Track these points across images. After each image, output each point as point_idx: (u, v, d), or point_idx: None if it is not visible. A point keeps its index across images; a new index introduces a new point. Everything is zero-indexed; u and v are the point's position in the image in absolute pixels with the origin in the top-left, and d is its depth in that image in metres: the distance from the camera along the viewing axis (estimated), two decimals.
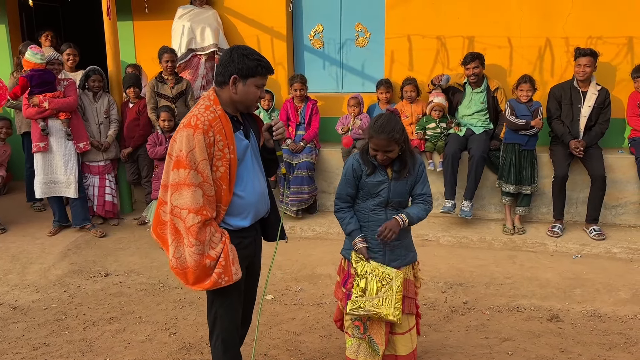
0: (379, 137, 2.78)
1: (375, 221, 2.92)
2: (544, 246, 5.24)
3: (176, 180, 2.53)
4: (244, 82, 2.60)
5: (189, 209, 2.51)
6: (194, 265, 2.55)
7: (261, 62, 2.62)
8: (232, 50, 2.64)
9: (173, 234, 2.58)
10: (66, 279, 4.93)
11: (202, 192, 2.52)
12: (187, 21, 6.37)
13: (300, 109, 6.05)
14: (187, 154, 2.49)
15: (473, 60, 5.60)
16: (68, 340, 3.88)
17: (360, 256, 2.92)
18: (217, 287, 2.62)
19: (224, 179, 2.59)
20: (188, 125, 2.53)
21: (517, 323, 4.01)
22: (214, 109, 2.59)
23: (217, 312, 2.78)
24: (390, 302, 2.84)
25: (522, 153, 5.40)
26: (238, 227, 2.73)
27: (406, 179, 2.91)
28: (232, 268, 2.62)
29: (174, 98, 6.03)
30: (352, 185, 2.95)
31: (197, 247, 2.53)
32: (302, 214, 6.02)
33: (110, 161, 6.15)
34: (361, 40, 6.70)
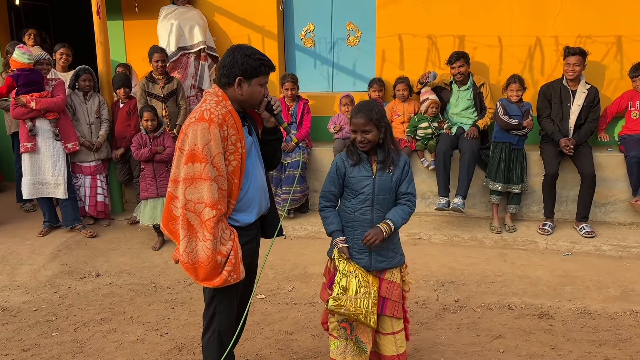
0: (357, 116, 2.82)
1: (361, 222, 2.90)
2: (535, 244, 5.27)
3: (191, 175, 2.53)
4: (249, 83, 2.64)
5: (206, 203, 2.52)
6: (206, 260, 2.56)
7: (264, 61, 2.66)
8: (234, 51, 2.65)
9: (186, 228, 2.58)
10: (56, 279, 4.90)
11: (217, 186, 2.54)
12: (174, 19, 6.34)
13: (292, 109, 6.05)
14: (202, 148, 2.50)
15: (458, 59, 5.62)
16: (58, 342, 3.86)
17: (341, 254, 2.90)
18: (226, 284, 2.63)
19: (236, 173, 2.63)
20: (201, 119, 2.54)
21: (508, 321, 4.03)
22: (224, 104, 2.63)
23: (217, 308, 2.78)
24: (367, 305, 2.83)
25: (511, 152, 5.42)
26: (244, 223, 2.75)
27: (391, 174, 2.89)
28: (241, 266, 2.65)
29: (164, 98, 6.01)
30: (335, 184, 2.94)
31: (211, 242, 2.54)
32: (294, 214, 6.02)
33: (101, 161, 6.11)
34: (352, 39, 6.71)
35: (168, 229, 2.71)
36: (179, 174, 2.58)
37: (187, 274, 2.66)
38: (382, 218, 2.90)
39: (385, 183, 2.89)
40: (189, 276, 2.67)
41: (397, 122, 5.99)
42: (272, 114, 2.80)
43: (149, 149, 5.50)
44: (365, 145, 2.85)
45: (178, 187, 2.59)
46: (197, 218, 2.55)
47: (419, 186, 5.87)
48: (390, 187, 2.90)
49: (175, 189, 2.62)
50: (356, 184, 2.89)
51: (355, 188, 2.90)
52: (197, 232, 2.57)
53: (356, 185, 2.89)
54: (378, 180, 2.88)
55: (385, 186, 2.89)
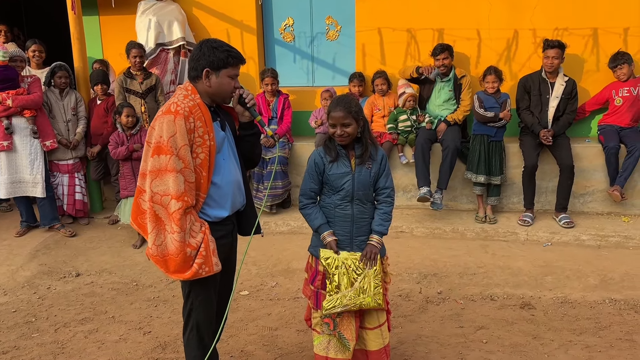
0: (335, 110, 2.81)
1: (342, 217, 2.90)
2: (515, 235, 5.33)
3: (156, 167, 2.52)
4: (217, 74, 2.64)
5: (172, 195, 2.51)
6: (176, 252, 2.54)
7: (231, 52, 2.65)
8: (201, 44, 2.66)
9: (153, 221, 2.56)
10: (35, 280, 4.81)
11: (184, 178, 2.52)
12: (152, 15, 6.26)
13: (272, 104, 6.02)
14: (168, 140, 2.50)
15: (442, 52, 5.63)
16: (39, 343, 3.79)
17: (329, 252, 2.88)
18: (197, 277, 2.61)
19: (204, 166, 2.60)
20: (168, 111, 2.54)
21: (491, 311, 4.07)
22: (192, 97, 2.62)
23: (193, 303, 2.76)
24: (369, 289, 2.84)
25: (490, 144, 5.47)
26: (217, 218, 2.73)
27: (370, 169, 2.89)
28: (213, 259, 2.62)
29: (143, 94, 5.93)
30: (315, 180, 2.93)
31: (178, 234, 2.52)
32: (276, 209, 6.00)
33: (79, 159, 6.02)
34: (332, 33, 6.69)
35: (137, 223, 2.69)
36: (146, 167, 2.58)
37: (158, 267, 2.65)
38: (361, 212, 2.91)
39: (365, 178, 2.89)
40: (160, 269, 2.65)
41: (378, 117, 6.00)
42: (245, 107, 2.78)
43: (126, 147, 5.44)
44: (345, 139, 2.83)
45: (145, 180, 2.58)
46: (164, 210, 2.54)
47: (401, 179, 5.90)
48: (369, 182, 2.91)
49: (143, 183, 2.62)
50: (335, 181, 2.88)
51: (334, 185, 2.89)
52: (165, 225, 2.55)
53: (335, 182, 2.88)
54: (357, 176, 2.87)
55: (365, 181, 2.89)
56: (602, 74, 5.85)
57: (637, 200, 5.59)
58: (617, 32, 5.80)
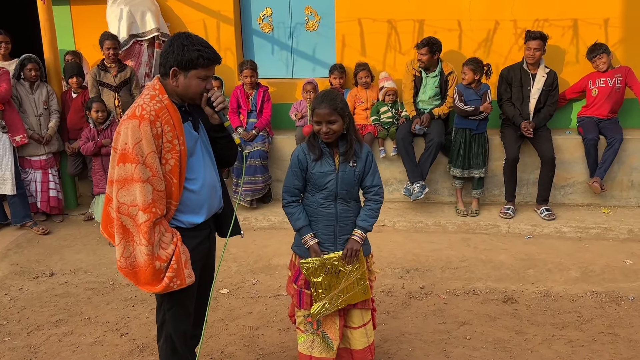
0: (321, 107, 2.70)
1: (325, 215, 2.83)
2: (497, 228, 5.32)
3: (122, 176, 2.37)
4: (185, 75, 2.44)
5: (139, 206, 2.36)
6: (145, 265, 2.41)
7: (203, 52, 2.42)
8: (173, 39, 2.45)
9: (121, 232, 2.43)
10: (7, 281, 4.66)
11: (152, 187, 2.37)
12: (124, 5, 6.06)
13: (252, 96, 5.90)
14: (133, 147, 2.33)
15: (422, 47, 5.50)
16: (10, 347, 3.66)
17: (309, 260, 2.80)
18: (168, 290, 2.49)
19: (174, 173, 2.45)
20: (133, 116, 2.37)
21: (474, 306, 4.04)
22: (159, 98, 2.43)
23: (166, 314, 2.66)
24: (354, 285, 2.79)
25: (473, 137, 5.43)
26: (191, 225, 2.59)
27: (354, 168, 2.82)
28: (185, 271, 2.49)
29: (117, 87, 5.76)
30: (299, 177, 2.84)
31: (146, 247, 2.39)
32: (256, 204, 5.90)
33: (52, 155, 5.84)
34: (311, 24, 6.57)
35: (107, 232, 2.55)
36: (113, 175, 2.42)
37: (127, 279, 2.53)
38: (345, 211, 2.84)
39: (349, 177, 2.81)
40: (130, 281, 2.53)
41: (361, 109, 5.92)
42: (213, 111, 2.59)
43: (94, 142, 5.29)
44: (330, 137, 2.74)
45: (112, 189, 2.43)
46: (132, 221, 2.39)
47: (382, 173, 5.74)
48: (353, 181, 2.83)
49: (110, 191, 2.47)
50: (319, 180, 2.79)
51: (317, 184, 2.80)
52: (134, 236, 2.41)
53: (319, 180, 2.80)
54: (341, 175, 2.79)
55: (349, 180, 2.81)
56: (582, 65, 5.85)
57: (617, 191, 5.62)
58: (597, 23, 5.79)
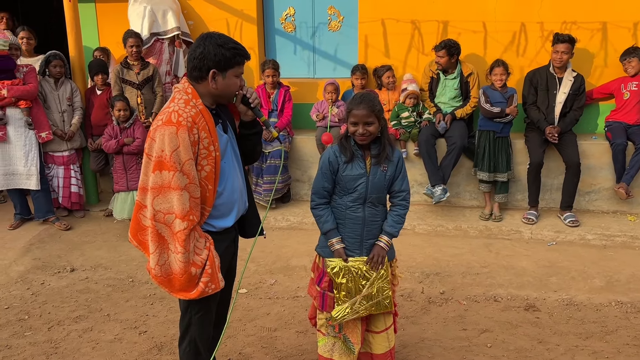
0: (358, 108, 2.68)
1: (353, 219, 2.81)
2: (520, 234, 5.23)
3: (159, 184, 2.33)
4: (223, 75, 2.42)
5: (176, 214, 2.33)
6: (180, 272, 2.39)
7: (238, 50, 2.43)
8: (204, 41, 2.41)
9: (156, 240, 2.39)
10: (29, 275, 4.71)
11: (189, 194, 2.34)
12: (146, 3, 6.08)
13: (273, 96, 5.88)
14: (170, 155, 2.29)
15: (440, 50, 5.46)
16: (31, 342, 3.70)
17: (334, 261, 2.79)
18: (204, 295, 2.47)
19: (210, 179, 2.42)
20: (169, 122, 2.31)
21: (495, 313, 3.98)
22: (194, 103, 2.39)
23: (192, 319, 2.63)
24: (377, 295, 2.77)
25: (496, 140, 5.35)
26: (222, 228, 2.58)
27: (385, 172, 2.79)
28: (219, 275, 2.48)
29: (140, 85, 5.80)
30: (328, 180, 2.82)
31: (182, 255, 2.36)
32: (275, 204, 5.89)
33: (74, 151, 5.90)
34: (334, 24, 6.54)
35: (137, 240, 2.52)
36: (148, 182, 2.38)
37: (162, 287, 2.51)
38: (373, 215, 2.82)
39: (379, 181, 2.79)
40: (164, 289, 2.51)
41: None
42: (249, 107, 2.60)
43: (117, 141, 5.33)
44: (366, 138, 2.72)
45: (146, 197, 2.39)
46: (168, 229, 2.36)
47: None
48: (383, 185, 2.81)
49: (143, 198, 2.42)
50: (349, 183, 2.77)
51: (347, 187, 2.78)
52: (169, 244, 2.39)
53: (349, 183, 2.77)
54: (372, 178, 2.77)
55: (379, 184, 2.79)
56: (611, 69, 5.72)
57: None
58: (626, 27, 5.66)
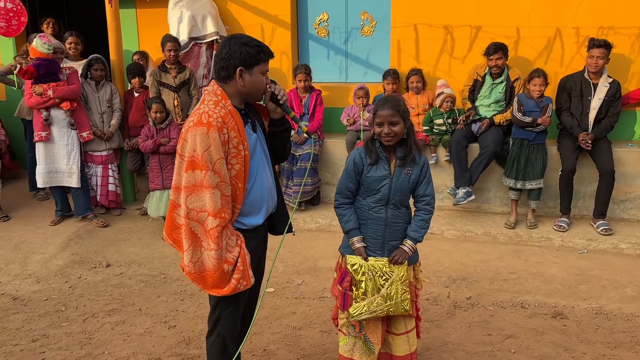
0: (383, 108, 2.74)
1: (375, 220, 2.85)
2: (550, 241, 5.17)
3: (192, 182, 2.41)
4: (250, 72, 2.51)
5: (208, 212, 2.41)
6: (213, 269, 2.47)
7: (262, 47, 2.52)
8: (229, 42, 2.51)
9: (190, 238, 2.48)
10: (67, 269, 4.91)
11: (220, 193, 2.43)
12: (185, 9, 6.27)
13: (304, 100, 5.97)
14: (202, 154, 2.38)
15: (497, 52, 5.43)
16: (67, 332, 3.86)
17: (356, 258, 2.85)
18: (235, 292, 2.54)
19: (240, 177, 2.50)
20: (199, 123, 2.40)
21: (521, 320, 3.95)
22: (223, 104, 2.48)
23: (222, 313, 2.71)
24: (395, 296, 2.79)
25: (530, 147, 5.29)
26: (252, 226, 2.65)
27: (409, 175, 2.83)
28: (250, 272, 2.56)
29: (176, 87, 5.97)
30: (353, 180, 2.87)
31: (215, 252, 2.44)
32: (304, 206, 5.97)
33: (113, 151, 6.11)
34: (367, 29, 6.60)
35: (172, 238, 2.62)
36: (181, 182, 2.47)
37: (195, 284, 2.59)
38: (395, 217, 2.85)
39: (403, 184, 2.82)
40: (198, 286, 2.59)
41: (412, 115, 5.89)
42: (277, 105, 2.67)
43: (153, 141, 5.51)
44: (392, 139, 2.75)
45: (180, 196, 2.48)
46: (201, 227, 2.45)
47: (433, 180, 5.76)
48: (407, 188, 2.84)
49: (177, 197, 2.52)
50: (372, 184, 2.82)
51: (371, 188, 2.83)
52: (202, 241, 2.47)
53: (372, 185, 2.82)
54: (395, 180, 2.81)
55: (402, 187, 2.83)
56: None
57: None
58: None
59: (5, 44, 7.32)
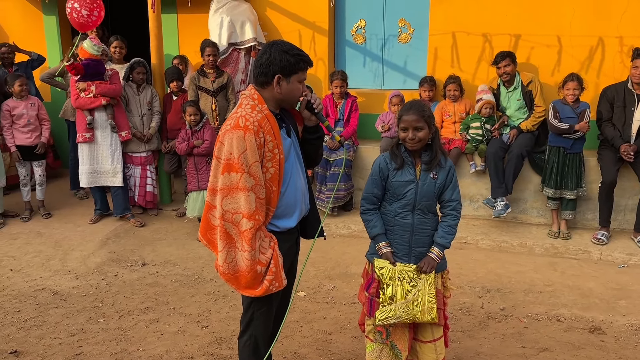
0: (408, 113, 2.74)
1: (401, 225, 2.84)
2: (588, 254, 5.05)
3: (227, 185, 2.46)
4: (288, 80, 2.55)
5: (243, 214, 2.46)
6: (246, 270, 2.51)
7: (302, 56, 2.55)
8: (270, 48, 2.55)
9: (224, 239, 2.53)
10: (105, 267, 5.03)
11: (255, 195, 2.47)
12: (225, 15, 6.38)
13: (340, 106, 6.00)
14: (238, 157, 2.42)
15: (503, 59, 5.40)
16: (104, 328, 3.96)
17: (384, 262, 2.84)
18: (268, 293, 2.58)
19: (274, 180, 2.54)
20: (237, 126, 2.45)
21: (556, 333, 3.87)
22: (260, 108, 2.52)
23: (254, 314, 2.74)
24: (422, 302, 2.77)
25: (566, 157, 5.20)
26: (285, 228, 2.69)
27: (435, 180, 2.81)
28: (282, 274, 2.59)
29: (214, 92, 6.07)
30: (378, 186, 2.88)
31: (249, 253, 2.48)
32: (337, 211, 5.98)
33: (151, 152, 6.25)
34: (404, 36, 6.59)
35: (206, 239, 2.66)
36: (217, 184, 2.52)
37: (228, 284, 2.64)
38: (422, 223, 2.84)
39: (429, 188, 2.81)
40: (231, 286, 2.63)
41: (448, 123, 5.85)
42: (312, 113, 2.70)
43: (187, 143, 5.61)
44: (416, 144, 2.76)
45: (216, 197, 2.53)
46: (235, 228, 2.49)
47: (468, 188, 5.73)
48: (433, 193, 2.82)
49: (213, 199, 2.56)
50: (398, 189, 2.82)
51: (396, 193, 2.83)
52: (236, 242, 2.51)
53: (398, 189, 2.82)
54: (421, 185, 2.80)
55: (429, 192, 2.81)
56: None
57: None
58: None
59: (53, 48, 7.58)
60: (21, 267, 5.00)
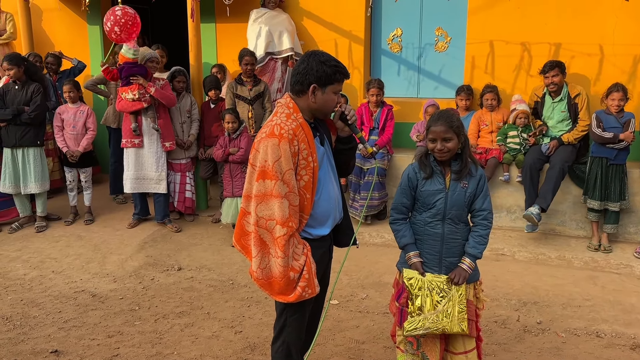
0: (436, 124, 2.73)
1: (431, 235, 2.82)
2: (630, 268, 4.90)
3: (262, 192, 2.51)
4: (323, 91, 2.57)
5: (277, 220, 2.49)
6: (280, 276, 2.54)
7: (339, 68, 2.58)
8: (309, 57, 2.58)
9: (258, 245, 2.57)
10: (142, 270, 5.13)
11: (289, 202, 2.50)
12: (263, 24, 6.47)
13: (375, 114, 5.99)
14: (273, 164, 2.47)
15: (552, 69, 5.29)
16: (140, 331, 4.04)
17: (413, 272, 2.82)
18: (300, 299, 2.60)
19: (308, 188, 2.57)
20: (272, 134, 2.49)
21: (596, 349, 3.76)
22: (295, 117, 2.56)
23: (287, 320, 2.76)
24: (452, 313, 2.74)
25: (609, 168, 5.07)
26: (318, 236, 2.71)
27: (465, 188, 2.78)
28: (315, 281, 2.61)
29: (251, 100, 6.15)
30: (407, 196, 2.86)
31: (282, 259, 2.52)
32: (371, 220, 5.96)
33: (190, 159, 6.35)
34: (441, 44, 6.55)
35: (240, 245, 2.71)
36: (251, 191, 2.56)
37: (262, 290, 2.66)
38: (452, 232, 2.81)
39: (459, 198, 2.78)
40: (265, 292, 2.66)
41: (485, 132, 5.78)
42: (346, 124, 2.72)
43: (223, 150, 5.69)
44: (445, 155, 2.74)
45: (250, 204, 2.57)
46: (269, 235, 2.53)
47: (505, 199, 5.64)
48: (463, 202, 2.79)
49: (247, 205, 2.61)
50: (427, 198, 2.80)
51: (426, 202, 2.81)
52: (270, 249, 2.55)
53: (427, 199, 2.80)
54: (451, 194, 2.78)
55: (459, 201, 2.78)
56: None
57: None
58: None
59: (96, 57, 7.81)
60: (62, 269, 5.15)
